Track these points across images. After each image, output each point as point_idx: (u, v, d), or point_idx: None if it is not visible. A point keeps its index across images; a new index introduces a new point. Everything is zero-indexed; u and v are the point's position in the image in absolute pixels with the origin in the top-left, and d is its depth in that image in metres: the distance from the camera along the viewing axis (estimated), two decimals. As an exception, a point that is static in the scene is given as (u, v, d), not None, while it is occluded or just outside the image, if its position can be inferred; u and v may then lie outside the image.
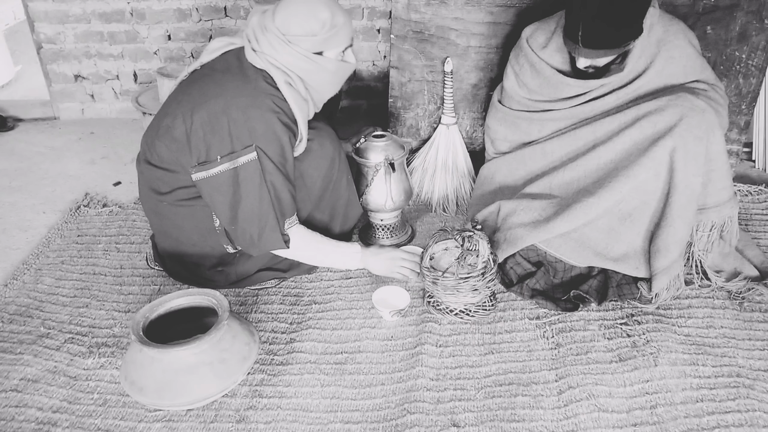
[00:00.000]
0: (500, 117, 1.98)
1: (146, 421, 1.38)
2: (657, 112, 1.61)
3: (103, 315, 1.71)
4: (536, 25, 1.90)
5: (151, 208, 1.70)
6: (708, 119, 1.58)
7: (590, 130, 1.74)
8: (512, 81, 1.93)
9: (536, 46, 1.86)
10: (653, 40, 1.70)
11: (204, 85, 1.55)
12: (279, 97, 1.54)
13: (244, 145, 1.49)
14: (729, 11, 2.02)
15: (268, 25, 1.54)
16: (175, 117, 1.54)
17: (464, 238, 1.66)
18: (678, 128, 1.57)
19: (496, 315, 1.67)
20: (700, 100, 1.60)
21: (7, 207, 2.29)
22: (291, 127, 1.56)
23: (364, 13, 2.72)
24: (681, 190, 1.58)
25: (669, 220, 1.60)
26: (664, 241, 1.60)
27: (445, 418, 1.37)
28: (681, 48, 1.71)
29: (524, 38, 1.91)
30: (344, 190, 1.79)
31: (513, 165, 1.93)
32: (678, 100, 1.61)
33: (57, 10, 2.76)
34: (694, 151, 1.56)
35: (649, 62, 1.71)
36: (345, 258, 1.73)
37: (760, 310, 1.64)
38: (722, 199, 1.65)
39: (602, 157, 1.68)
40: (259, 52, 1.55)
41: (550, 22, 1.86)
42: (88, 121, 3.00)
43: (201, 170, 1.53)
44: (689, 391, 1.41)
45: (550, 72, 1.81)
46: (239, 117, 1.48)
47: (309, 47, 1.54)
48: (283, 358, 1.55)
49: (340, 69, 1.63)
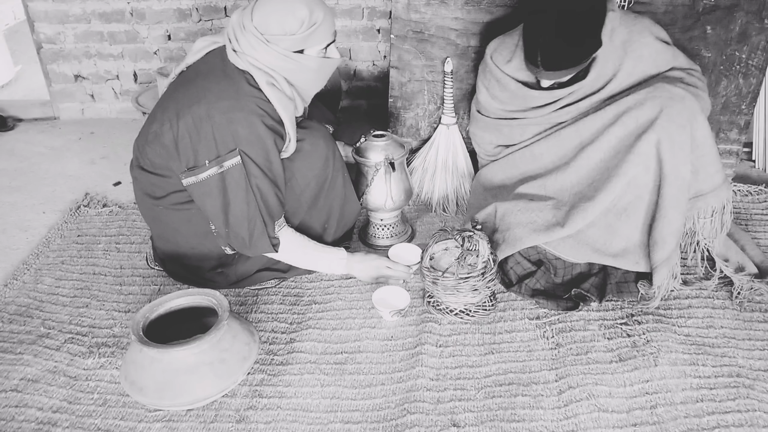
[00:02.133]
0: (482, 125, 2.01)
1: (146, 421, 1.39)
2: (637, 106, 1.61)
3: (103, 315, 1.71)
4: (500, 40, 1.91)
5: (147, 213, 1.70)
6: (689, 106, 1.57)
7: (574, 129, 1.74)
8: (484, 95, 1.96)
9: (500, 61, 1.87)
10: (617, 43, 1.70)
11: (187, 89, 1.54)
12: (262, 98, 1.52)
13: (228, 149, 1.48)
14: (729, 11, 2.02)
15: (246, 24, 1.50)
16: (162, 123, 1.53)
17: (464, 238, 1.66)
18: (660, 120, 1.57)
19: (496, 315, 1.67)
20: (678, 89, 1.60)
21: (7, 207, 2.29)
22: (276, 129, 1.54)
23: (364, 13, 2.72)
24: (671, 181, 1.58)
25: (663, 212, 1.60)
26: (660, 233, 1.60)
27: (445, 418, 1.37)
28: (648, 45, 1.72)
29: (488, 54, 1.92)
30: (340, 188, 1.78)
31: (506, 168, 1.95)
32: (656, 91, 1.61)
33: (57, 10, 2.76)
34: (680, 141, 1.56)
35: (617, 66, 1.72)
36: (331, 264, 1.73)
37: (760, 310, 1.64)
38: (717, 182, 1.65)
39: (591, 158, 1.68)
40: (240, 53, 1.53)
41: (513, 36, 1.86)
42: (88, 121, 3.00)
43: (190, 175, 1.52)
44: (689, 391, 1.41)
45: (515, 86, 1.84)
46: (222, 121, 1.47)
47: (288, 46, 1.51)
48: (283, 358, 1.55)
49: (324, 66, 1.60)
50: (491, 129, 1.97)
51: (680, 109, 1.57)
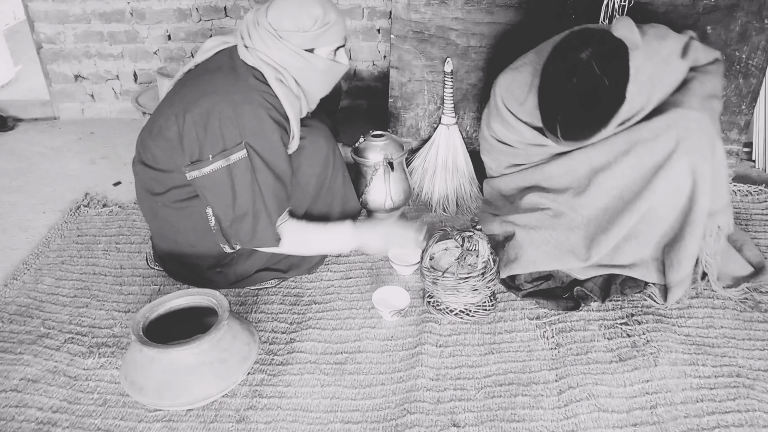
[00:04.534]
0: (496, 151, 1.90)
1: (146, 421, 1.39)
2: (652, 138, 1.53)
3: (103, 315, 1.71)
4: (510, 77, 1.75)
5: (147, 210, 1.71)
6: (706, 132, 1.51)
7: (585, 156, 1.65)
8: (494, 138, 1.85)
9: (512, 104, 1.73)
10: (643, 79, 1.55)
11: (195, 85, 1.55)
12: (270, 93, 1.54)
13: (235, 143, 1.49)
14: (729, 11, 2.02)
15: (260, 20, 1.55)
16: (167, 118, 1.54)
17: (464, 238, 1.66)
18: (677, 154, 1.51)
19: (496, 315, 1.67)
20: (693, 112, 1.53)
21: (7, 207, 2.29)
22: (282, 124, 1.55)
23: (364, 13, 2.72)
24: (692, 213, 1.54)
25: (681, 239, 1.57)
26: (677, 257, 1.58)
27: (445, 418, 1.37)
28: (675, 71, 1.62)
29: (498, 96, 1.77)
30: (340, 187, 1.79)
31: (517, 181, 1.87)
32: (671, 119, 1.53)
33: (57, 10, 2.76)
34: (701, 171, 1.51)
35: (645, 101, 1.59)
36: (340, 241, 1.70)
37: (760, 310, 1.64)
38: (725, 201, 1.64)
39: (602, 185, 1.62)
40: (251, 49, 1.56)
41: (524, 72, 1.71)
42: (88, 121, 3.00)
43: (194, 169, 1.53)
44: (689, 391, 1.41)
45: (531, 134, 1.71)
46: (230, 114, 1.48)
47: (300, 43, 1.54)
48: (283, 358, 1.55)
49: (331, 69, 1.62)
50: (505, 153, 1.87)
51: (698, 139, 1.50)
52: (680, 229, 1.59)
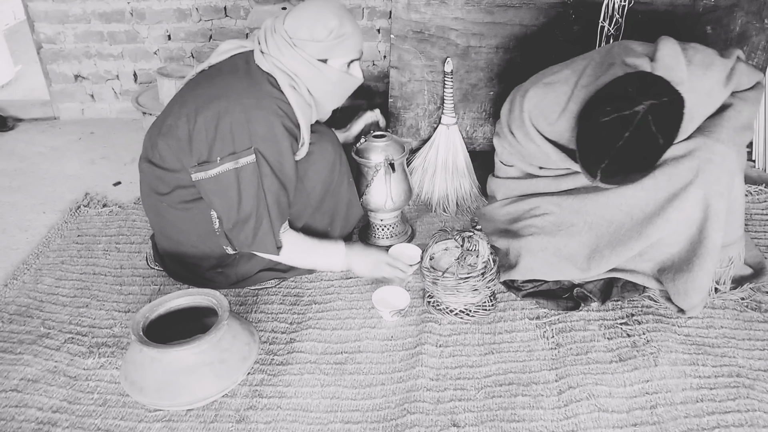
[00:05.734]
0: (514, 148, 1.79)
1: (146, 421, 1.38)
2: (672, 164, 1.47)
3: (103, 315, 1.71)
4: (541, 93, 1.61)
5: (151, 208, 1.71)
6: (727, 169, 1.45)
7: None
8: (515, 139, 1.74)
9: (541, 123, 1.61)
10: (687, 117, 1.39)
11: (209, 86, 1.56)
12: (283, 100, 1.55)
13: (244, 147, 1.50)
14: (729, 11, 2.02)
15: (277, 27, 1.56)
16: (178, 117, 1.55)
17: (464, 238, 1.66)
18: (694, 187, 1.45)
19: (496, 315, 1.67)
20: (720, 145, 1.45)
21: (7, 207, 2.29)
22: (293, 132, 1.56)
23: (364, 13, 2.72)
24: (704, 245, 1.50)
25: (688, 269, 1.53)
26: (683, 286, 1.54)
27: (445, 418, 1.37)
28: (716, 101, 1.52)
29: (526, 113, 1.63)
30: (345, 192, 1.79)
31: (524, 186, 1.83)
32: (695, 147, 1.45)
33: (57, 10, 2.76)
34: (716, 208, 1.47)
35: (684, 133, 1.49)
36: (330, 260, 1.73)
37: (760, 310, 1.64)
38: (739, 234, 1.62)
39: (612, 199, 1.57)
40: (267, 54, 1.57)
41: (558, 92, 1.57)
42: (88, 121, 3.00)
43: (200, 170, 1.53)
44: (689, 391, 1.41)
45: (558, 157, 1.60)
46: (242, 118, 1.49)
47: (313, 53, 1.55)
48: (283, 358, 1.55)
49: (344, 81, 1.63)
50: (522, 154, 1.77)
51: (719, 175, 1.44)
52: (687, 258, 1.54)
